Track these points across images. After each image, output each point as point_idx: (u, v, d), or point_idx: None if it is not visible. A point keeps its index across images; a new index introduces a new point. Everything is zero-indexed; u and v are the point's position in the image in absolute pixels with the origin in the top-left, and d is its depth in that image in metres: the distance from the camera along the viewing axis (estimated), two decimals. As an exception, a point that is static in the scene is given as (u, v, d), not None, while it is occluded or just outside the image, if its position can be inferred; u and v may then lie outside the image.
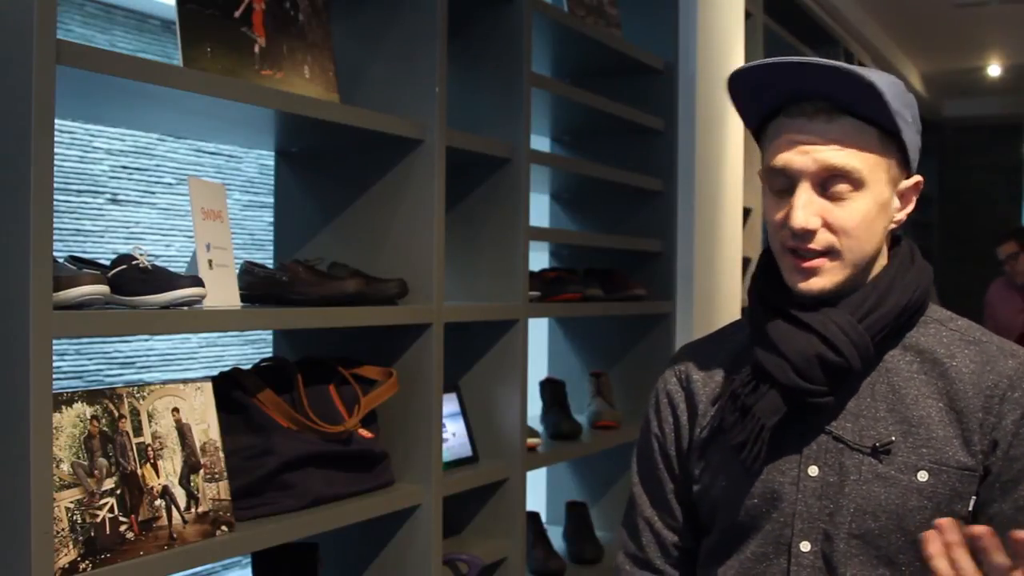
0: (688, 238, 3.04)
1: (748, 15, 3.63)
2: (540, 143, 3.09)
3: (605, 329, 3.09)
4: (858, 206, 1.22)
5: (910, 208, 1.29)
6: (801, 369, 1.23)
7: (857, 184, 1.22)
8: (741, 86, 1.26)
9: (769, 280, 1.32)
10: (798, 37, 4.54)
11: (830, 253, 1.24)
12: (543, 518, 2.91)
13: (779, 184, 1.25)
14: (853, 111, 1.21)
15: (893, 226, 1.28)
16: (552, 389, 2.81)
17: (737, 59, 3.35)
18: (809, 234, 1.23)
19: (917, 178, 1.28)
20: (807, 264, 1.24)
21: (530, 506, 2.49)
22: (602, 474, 3.07)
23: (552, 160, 2.58)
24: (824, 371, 1.23)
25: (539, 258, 3.09)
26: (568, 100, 2.60)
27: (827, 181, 1.22)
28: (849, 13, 5.43)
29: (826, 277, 1.24)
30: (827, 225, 1.23)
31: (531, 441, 2.43)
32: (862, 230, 1.23)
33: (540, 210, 3.14)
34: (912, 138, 1.25)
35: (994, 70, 7.56)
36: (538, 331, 3.14)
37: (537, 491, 3.06)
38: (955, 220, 8.80)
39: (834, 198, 1.22)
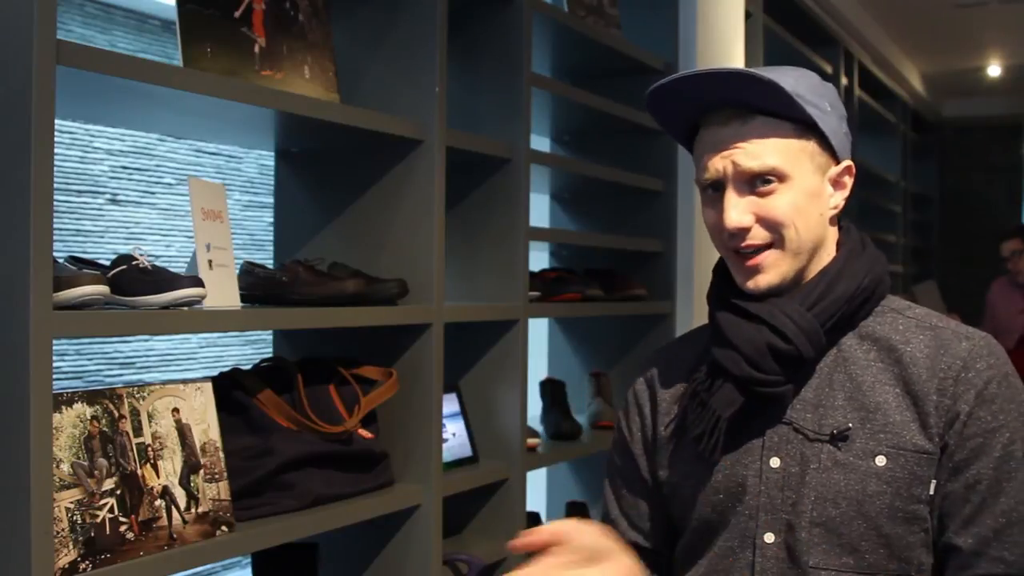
0: (688, 238, 3.04)
1: (748, 15, 3.63)
2: (540, 143, 3.09)
3: (605, 329, 3.09)
4: (786, 197, 1.26)
5: (846, 192, 1.32)
6: (753, 360, 1.25)
7: (781, 177, 1.26)
8: (657, 106, 1.32)
9: (722, 277, 1.36)
10: (798, 37, 4.53)
11: (771, 245, 1.27)
12: (543, 518, 2.91)
13: (711, 190, 1.31)
14: (765, 110, 1.26)
15: (832, 212, 1.31)
16: (552, 389, 2.80)
17: (737, 59, 3.35)
18: (744, 231, 1.27)
19: (846, 163, 1.31)
20: (751, 262, 1.28)
21: (530, 506, 2.49)
22: (602, 474, 3.05)
23: (552, 160, 2.58)
24: (777, 360, 1.25)
25: (539, 258, 3.09)
26: (568, 100, 2.60)
27: (752, 179, 1.26)
28: (849, 13, 5.43)
29: (771, 272, 1.28)
30: (760, 220, 1.27)
31: (531, 441, 2.43)
32: (795, 218, 1.26)
33: (540, 210, 3.14)
34: (833, 125, 1.29)
35: (994, 70, 7.55)
36: (538, 331, 3.13)
37: (537, 491, 3.05)
38: (955, 220, 8.78)
39: (762, 194, 1.26)
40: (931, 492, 1.24)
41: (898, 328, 1.30)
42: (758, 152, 1.25)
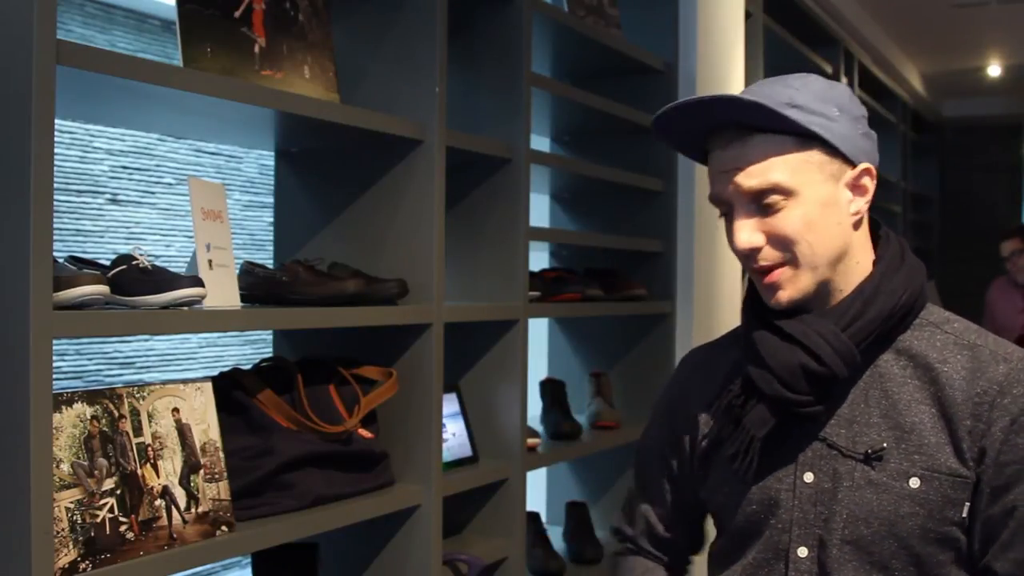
0: (688, 238, 3.04)
1: (748, 15, 3.63)
2: (540, 143, 3.09)
3: (605, 329, 3.09)
4: (795, 212, 1.24)
5: (868, 197, 1.28)
6: (786, 380, 1.24)
7: (786, 192, 1.24)
8: (664, 135, 1.32)
9: (756, 292, 1.34)
10: (798, 37, 4.53)
11: (785, 262, 1.26)
12: (543, 518, 2.91)
13: (722, 211, 1.30)
14: (763, 128, 1.23)
15: (854, 218, 1.28)
16: (552, 389, 2.80)
17: (737, 59, 3.35)
18: (755, 251, 1.26)
19: (863, 166, 1.27)
20: (768, 279, 1.27)
21: (530, 506, 2.49)
22: (602, 474, 3.07)
23: (552, 160, 2.58)
24: (808, 381, 1.24)
25: (539, 258, 3.08)
26: (568, 100, 2.60)
27: (758, 198, 1.25)
28: (849, 13, 5.43)
29: (790, 287, 1.26)
30: (770, 238, 1.25)
31: (531, 441, 2.43)
32: (806, 233, 1.24)
33: (540, 210, 3.14)
34: (843, 130, 1.25)
35: (994, 70, 7.54)
36: (538, 331, 3.13)
37: (537, 491, 3.05)
38: (955, 220, 8.78)
39: (770, 211, 1.25)
40: (964, 515, 1.23)
41: (935, 345, 1.27)
42: (758, 171, 1.23)
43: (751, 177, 1.24)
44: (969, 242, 8.48)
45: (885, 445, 1.24)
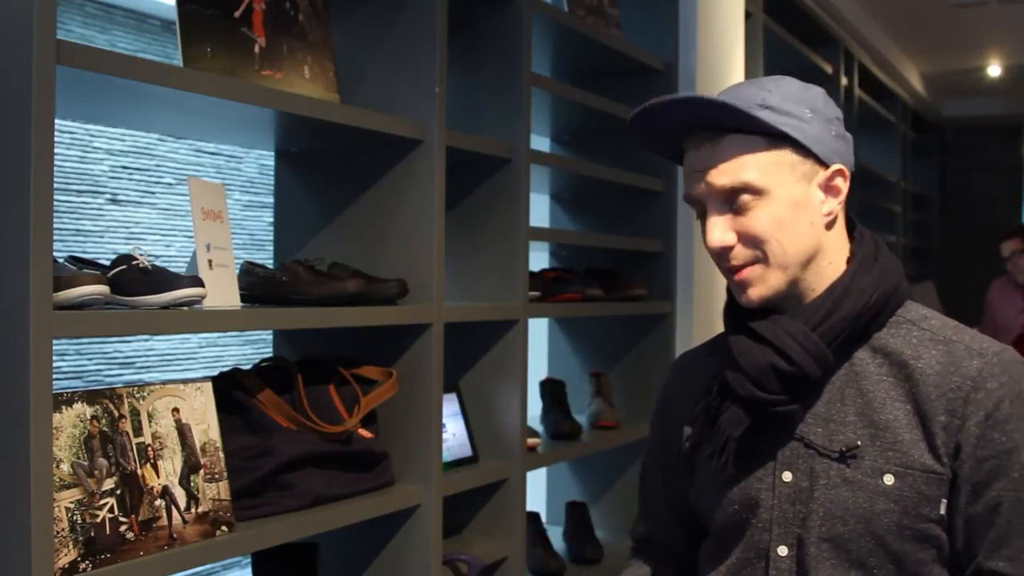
0: (688, 238, 3.04)
1: (748, 15, 3.63)
2: (540, 143, 3.09)
3: (605, 329, 3.09)
4: (766, 212, 1.25)
5: (841, 198, 1.29)
6: (757, 380, 1.25)
7: (757, 192, 1.25)
8: (642, 136, 1.33)
9: (734, 296, 1.35)
10: (798, 37, 4.53)
11: (756, 261, 1.27)
12: (543, 518, 2.91)
13: (697, 212, 1.31)
14: (735, 129, 1.24)
15: (826, 219, 1.28)
16: (552, 389, 2.80)
17: (737, 59, 3.35)
18: (727, 250, 1.27)
19: (835, 167, 1.28)
20: (739, 277, 1.28)
21: (530, 506, 2.49)
22: (602, 474, 3.07)
23: (552, 160, 2.58)
24: (780, 381, 1.25)
25: (539, 258, 3.09)
26: (568, 100, 2.60)
27: (730, 197, 1.26)
28: (849, 13, 5.43)
29: (760, 285, 1.27)
30: (742, 237, 1.27)
31: (531, 441, 2.43)
32: (777, 232, 1.25)
33: (540, 210, 3.14)
34: (815, 131, 1.26)
35: (994, 70, 7.54)
36: (538, 331, 3.14)
37: (537, 491, 3.06)
38: (955, 220, 8.78)
39: (742, 211, 1.26)
40: (942, 512, 1.23)
41: (911, 342, 1.28)
42: (729, 169, 1.25)
43: (722, 176, 1.25)
44: (969, 242, 8.48)
45: (859, 443, 1.25)
